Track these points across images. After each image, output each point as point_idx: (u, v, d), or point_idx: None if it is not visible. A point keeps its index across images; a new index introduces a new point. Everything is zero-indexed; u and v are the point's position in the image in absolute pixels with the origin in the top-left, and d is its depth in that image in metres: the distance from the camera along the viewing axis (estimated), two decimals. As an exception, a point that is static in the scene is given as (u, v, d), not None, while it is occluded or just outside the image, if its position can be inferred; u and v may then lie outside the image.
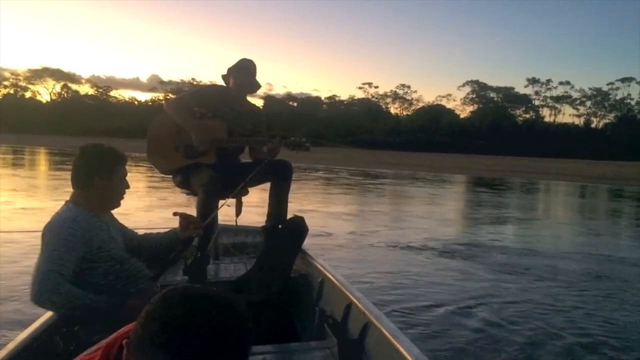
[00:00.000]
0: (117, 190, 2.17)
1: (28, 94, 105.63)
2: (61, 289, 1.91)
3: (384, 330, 1.95)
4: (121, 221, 2.42)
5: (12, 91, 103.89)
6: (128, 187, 2.22)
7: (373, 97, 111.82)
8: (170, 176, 3.48)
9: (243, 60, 3.52)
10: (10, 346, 1.89)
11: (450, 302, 4.97)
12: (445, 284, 5.72)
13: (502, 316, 4.59)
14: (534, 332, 4.24)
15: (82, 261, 2.04)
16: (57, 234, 1.99)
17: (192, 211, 3.06)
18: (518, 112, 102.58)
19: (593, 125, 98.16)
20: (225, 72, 3.55)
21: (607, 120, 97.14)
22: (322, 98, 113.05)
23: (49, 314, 2.17)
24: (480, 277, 6.14)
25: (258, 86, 3.62)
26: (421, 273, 6.13)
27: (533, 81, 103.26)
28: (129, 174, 2.25)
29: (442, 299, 5.07)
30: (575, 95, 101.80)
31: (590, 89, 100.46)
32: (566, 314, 4.80)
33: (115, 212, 2.31)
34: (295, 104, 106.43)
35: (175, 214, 2.52)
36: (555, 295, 5.46)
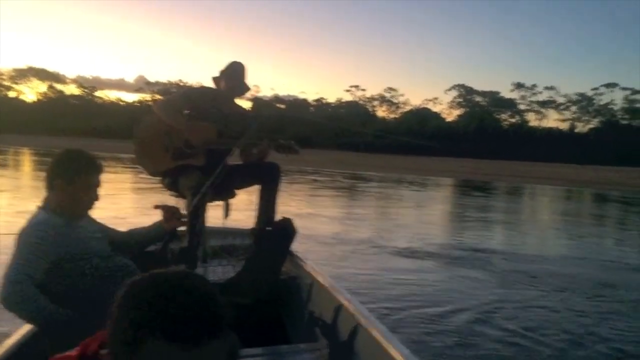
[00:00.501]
0: (77, 197, 2.12)
1: (12, 94, 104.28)
2: (29, 294, 1.90)
3: (374, 332, 1.96)
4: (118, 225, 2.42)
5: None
6: (97, 198, 2.18)
7: (360, 100, 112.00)
8: (159, 178, 3.46)
9: (233, 63, 3.52)
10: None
11: (468, 308, 5.00)
12: (458, 290, 5.74)
13: (522, 325, 4.60)
14: (558, 341, 4.25)
15: (60, 262, 2.02)
16: (28, 238, 1.98)
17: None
18: (504, 116, 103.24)
19: (577, 130, 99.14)
20: (214, 74, 3.54)
21: (592, 125, 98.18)
22: (310, 100, 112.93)
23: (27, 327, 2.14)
24: (491, 284, 6.16)
25: (247, 89, 3.62)
26: (427, 280, 6.13)
27: (519, 86, 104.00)
28: (118, 174, 2.22)
29: (461, 306, 5.09)
30: (560, 100, 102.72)
31: (575, 94, 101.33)
32: (581, 320, 4.83)
33: (110, 215, 2.29)
34: (282, 106, 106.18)
35: (156, 207, 2.51)
36: (567, 300, 5.51)
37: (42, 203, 2.14)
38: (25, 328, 2.09)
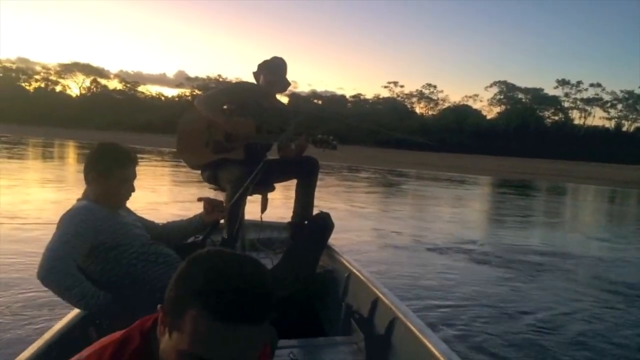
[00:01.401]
0: (113, 189, 2.16)
1: (58, 88, 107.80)
2: (68, 270, 1.91)
3: (411, 326, 1.96)
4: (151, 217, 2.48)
5: (43, 85, 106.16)
6: (133, 190, 2.22)
7: (398, 96, 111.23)
8: (199, 171, 3.54)
9: (274, 59, 3.54)
10: (46, 336, 1.95)
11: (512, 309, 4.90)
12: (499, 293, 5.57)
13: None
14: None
15: (101, 247, 2.06)
16: (70, 219, 2.02)
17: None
18: (547, 113, 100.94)
19: (624, 129, 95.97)
20: (253, 69, 3.58)
21: (639, 124, 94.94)
22: (347, 97, 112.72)
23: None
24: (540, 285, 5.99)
25: (288, 84, 3.64)
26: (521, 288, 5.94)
27: (563, 82, 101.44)
28: (159, 168, 2.27)
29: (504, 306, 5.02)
30: (606, 97, 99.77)
31: (621, 91, 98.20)
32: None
33: (143, 205, 2.34)
34: (320, 102, 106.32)
35: (199, 199, 2.55)
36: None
37: (82, 196, 2.19)
38: (71, 314, 2.17)
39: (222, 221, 2.81)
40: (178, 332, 0.85)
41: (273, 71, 3.51)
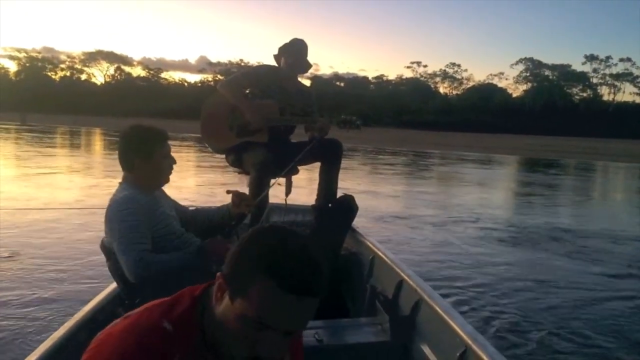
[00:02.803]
0: (160, 168, 2.19)
1: (83, 77, 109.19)
2: (152, 265, 2.01)
3: (436, 307, 1.95)
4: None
5: (68, 74, 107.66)
6: (174, 162, 2.25)
7: (422, 76, 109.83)
8: (223, 155, 3.55)
9: (295, 40, 3.52)
10: (78, 316, 2.01)
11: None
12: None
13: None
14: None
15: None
16: (120, 218, 2.05)
17: (244, 189, 3.13)
18: (575, 90, 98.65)
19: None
20: (275, 52, 3.57)
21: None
22: (370, 78, 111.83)
23: (111, 287, 2.29)
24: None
25: (309, 66, 3.62)
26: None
27: (591, 58, 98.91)
28: (182, 154, 2.28)
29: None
30: (636, 72, 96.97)
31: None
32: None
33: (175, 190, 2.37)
34: (342, 84, 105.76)
35: (228, 191, 2.56)
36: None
37: (123, 181, 2.21)
38: (100, 296, 2.23)
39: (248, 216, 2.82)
40: (243, 300, 0.93)
41: (293, 53, 3.49)
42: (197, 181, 11.83)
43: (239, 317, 0.94)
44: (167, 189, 2.36)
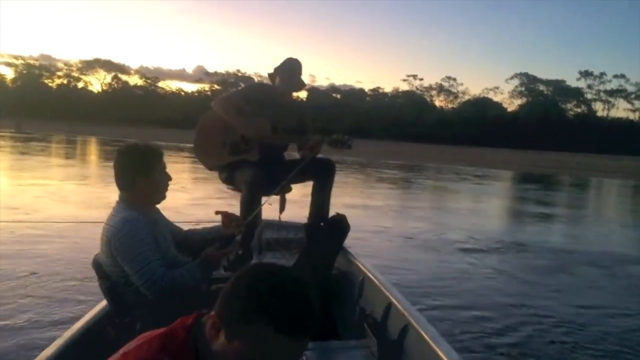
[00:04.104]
0: (159, 185, 2.23)
1: (80, 84, 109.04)
2: (167, 281, 2.08)
3: (424, 333, 1.97)
4: (172, 216, 2.51)
5: (65, 81, 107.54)
6: (170, 178, 2.28)
7: (418, 89, 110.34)
8: (217, 172, 3.57)
9: (289, 60, 3.58)
10: (67, 335, 2.00)
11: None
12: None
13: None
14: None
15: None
16: (130, 240, 2.07)
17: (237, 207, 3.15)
18: (569, 105, 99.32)
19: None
20: (273, 63, 3.63)
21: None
22: (366, 90, 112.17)
23: (101, 305, 2.29)
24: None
25: (303, 85, 3.70)
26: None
27: (586, 74, 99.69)
28: (176, 165, 2.30)
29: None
30: (630, 88, 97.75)
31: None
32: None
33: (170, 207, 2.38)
34: (338, 96, 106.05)
35: (217, 212, 2.57)
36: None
37: (121, 200, 2.22)
38: (90, 314, 2.23)
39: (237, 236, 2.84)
40: (240, 340, 0.97)
41: (287, 72, 3.55)
42: (189, 194, 11.80)
43: (237, 356, 0.98)
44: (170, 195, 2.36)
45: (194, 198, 10.47)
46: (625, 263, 7.28)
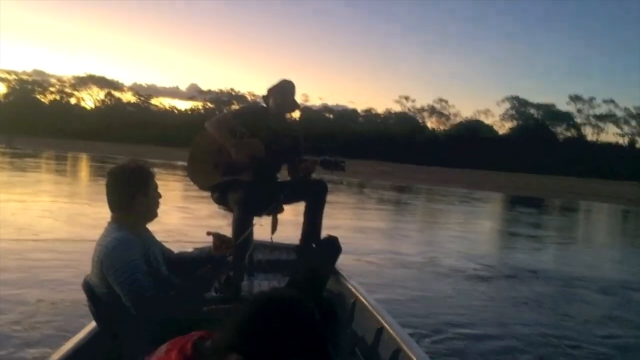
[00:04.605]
0: (154, 202, 2.26)
1: (73, 101, 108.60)
2: (159, 301, 2.05)
3: (415, 358, 1.96)
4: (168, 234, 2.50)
5: (58, 97, 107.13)
6: (160, 196, 2.30)
7: (410, 110, 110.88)
8: (209, 193, 3.57)
9: (282, 82, 3.61)
10: (55, 357, 1.98)
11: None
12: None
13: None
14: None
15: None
16: (119, 263, 2.05)
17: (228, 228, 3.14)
18: (559, 129, 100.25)
19: (638, 145, 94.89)
20: (266, 82, 3.66)
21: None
22: (359, 111, 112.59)
23: (91, 326, 2.26)
24: None
25: (296, 106, 3.73)
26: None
27: (575, 99, 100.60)
28: (170, 182, 2.32)
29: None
30: (619, 114, 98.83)
31: (635, 107, 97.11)
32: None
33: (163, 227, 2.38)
34: (331, 116, 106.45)
35: (208, 233, 2.56)
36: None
37: (112, 221, 2.21)
38: (82, 333, 2.20)
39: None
40: None
41: (281, 94, 3.58)
42: (183, 213, 11.74)
43: None
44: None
45: (194, 217, 10.39)
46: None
